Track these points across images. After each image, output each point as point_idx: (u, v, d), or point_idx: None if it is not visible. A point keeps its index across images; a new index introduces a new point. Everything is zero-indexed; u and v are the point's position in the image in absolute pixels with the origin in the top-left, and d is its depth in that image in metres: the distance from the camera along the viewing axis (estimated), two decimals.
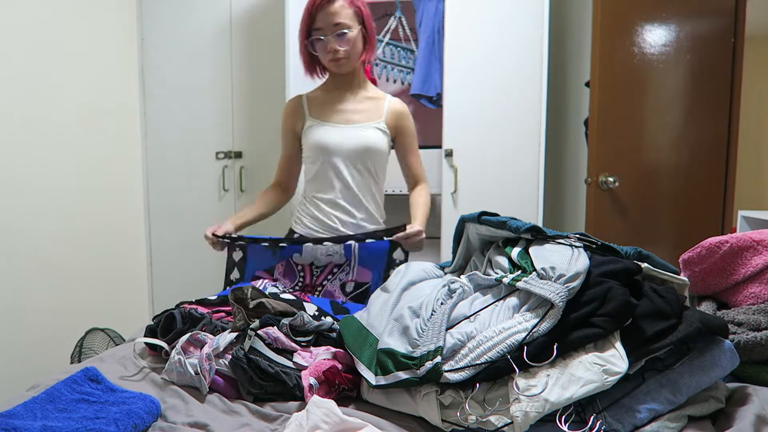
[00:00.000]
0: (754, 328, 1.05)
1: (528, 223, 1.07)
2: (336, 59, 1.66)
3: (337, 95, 1.75)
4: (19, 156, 2.26)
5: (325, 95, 1.77)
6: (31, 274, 2.33)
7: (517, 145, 2.60)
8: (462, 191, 2.66)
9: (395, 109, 1.76)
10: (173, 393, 1.01)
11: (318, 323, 1.14)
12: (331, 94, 1.76)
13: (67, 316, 2.52)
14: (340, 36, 1.63)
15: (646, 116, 2.50)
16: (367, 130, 1.70)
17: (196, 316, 1.19)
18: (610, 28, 2.33)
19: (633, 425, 0.83)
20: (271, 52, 2.89)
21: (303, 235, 1.75)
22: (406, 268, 1.22)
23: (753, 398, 0.90)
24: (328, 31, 1.62)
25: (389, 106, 1.75)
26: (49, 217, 2.42)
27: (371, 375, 0.94)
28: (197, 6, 2.99)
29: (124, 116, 2.95)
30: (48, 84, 2.40)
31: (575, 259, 0.94)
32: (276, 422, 0.93)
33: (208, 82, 3.03)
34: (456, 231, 1.30)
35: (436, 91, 2.72)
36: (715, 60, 2.60)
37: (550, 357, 0.83)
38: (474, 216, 1.20)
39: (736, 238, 1.17)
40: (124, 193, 2.97)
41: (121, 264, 2.94)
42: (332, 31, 1.62)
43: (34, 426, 0.84)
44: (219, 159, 3.06)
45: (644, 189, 2.52)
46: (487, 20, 2.58)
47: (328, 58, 1.66)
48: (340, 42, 1.63)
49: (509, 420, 0.80)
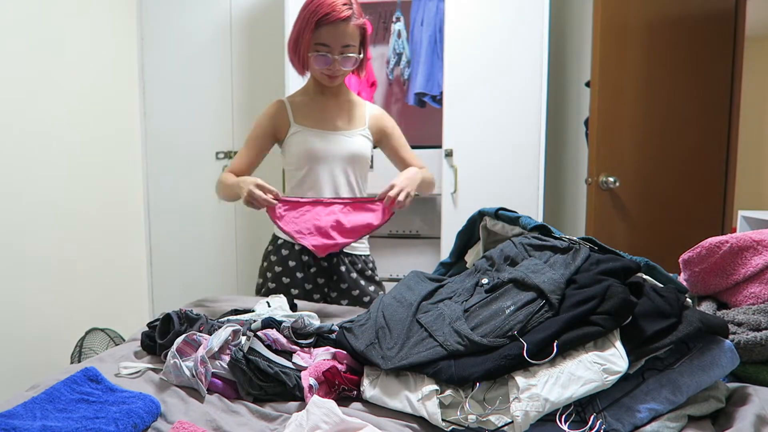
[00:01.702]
0: (754, 328, 1.05)
1: (537, 222, 1.08)
2: (333, 76, 1.62)
3: (321, 101, 1.71)
4: (19, 156, 2.26)
5: (307, 100, 1.72)
6: (31, 274, 2.33)
7: (517, 145, 2.60)
8: (462, 191, 2.66)
9: (374, 113, 1.75)
10: (173, 393, 1.01)
11: (318, 325, 1.15)
12: (314, 100, 1.71)
13: (67, 316, 2.52)
14: (346, 58, 1.58)
15: (646, 116, 2.50)
16: (354, 137, 1.69)
17: (193, 316, 1.19)
18: (610, 28, 2.32)
19: (633, 425, 0.83)
20: (271, 52, 2.89)
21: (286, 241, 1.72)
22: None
23: (753, 398, 0.90)
24: (335, 50, 1.56)
25: (369, 112, 1.74)
26: (49, 217, 2.42)
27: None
28: (197, 6, 2.99)
29: (124, 116, 2.95)
30: (48, 84, 2.40)
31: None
32: (276, 422, 0.93)
33: (208, 82, 3.03)
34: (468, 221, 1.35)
35: (440, 89, 2.72)
36: (715, 60, 2.60)
37: (550, 355, 0.83)
38: (492, 211, 1.27)
39: (736, 238, 1.17)
40: (124, 193, 2.97)
41: (121, 264, 2.94)
42: (339, 52, 1.56)
43: (34, 426, 0.84)
44: (219, 159, 3.06)
45: (644, 189, 2.52)
46: (487, 20, 2.58)
47: (326, 73, 1.61)
48: (344, 63, 1.58)
49: (509, 419, 0.80)
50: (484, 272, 1.08)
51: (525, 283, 0.96)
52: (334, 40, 1.55)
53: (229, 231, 3.11)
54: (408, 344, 0.97)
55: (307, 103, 1.71)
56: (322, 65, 1.59)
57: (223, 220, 3.11)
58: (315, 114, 1.70)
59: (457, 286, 1.09)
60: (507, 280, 1.00)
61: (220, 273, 3.13)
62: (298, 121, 1.69)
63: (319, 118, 1.70)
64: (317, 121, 1.69)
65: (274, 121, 1.70)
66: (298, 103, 1.72)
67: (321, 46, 1.56)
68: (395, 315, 1.06)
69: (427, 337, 0.96)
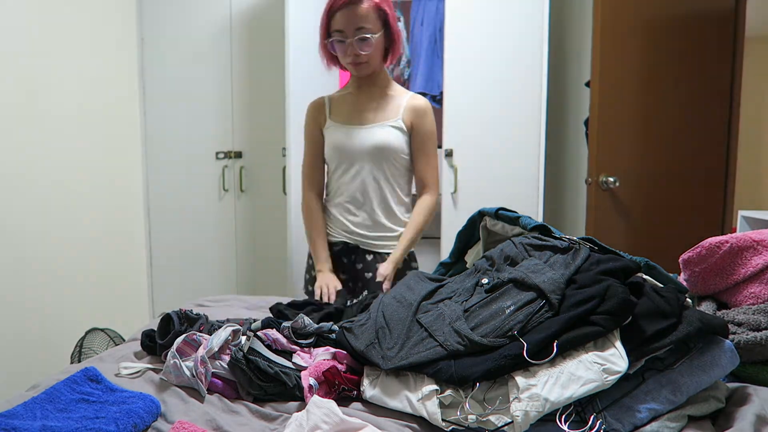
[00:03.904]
0: (754, 328, 1.05)
1: (537, 222, 1.08)
2: (356, 63, 1.59)
3: (358, 96, 1.69)
4: (19, 156, 2.26)
5: (346, 96, 1.72)
6: (31, 274, 2.33)
7: (517, 145, 2.60)
8: (462, 191, 2.66)
9: (412, 105, 1.67)
10: (173, 393, 1.01)
11: (318, 325, 1.15)
12: (352, 95, 1.70)
13: (67, 316, 2.52)
14: (362, 40, 1.54)
15: (646, 116, 2.50)
16: (383, 129, 1.64)
17: (193, 316, 1.19)
18: (610, 27, 2.32)
19: (633, 425, 0.83)
20: (271, 52, 2.89)
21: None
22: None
23: (753, 398, 0.90)
24: (349, 34, 1.54)
25: (407, 103, 1.67)
26: (49, 217, 2.42)
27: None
28: (197, 6, 2.99)
29: (124, 116, 2.95)
30: (48, 84, 2.40)
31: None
32: (276, 422, 0.93)
33: (208, 82, 3.03)
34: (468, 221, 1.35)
35: (440, 89, 2.72)
36: (715, 60, 2.60)
37: (550, 355, 0.83)
38: (492, 211, 1.27)
39: (736, 238, 1.17)
40: (124, 193, 2.97)
41: (121, 264, 2.93)
42: (354, 35, 1.54)
43: (34, 426, 0.84)
44: (219, 159, 3.06)
45: (644, 189, 2.52)
46: (487, 20, 2.58)
47: (348, 60, 1.59)
48: (362, 46, 1.55)
49: (509, 419, 0.80)
50: (484, 272, 1.08)
51: (525, 283, 0.96)
52: (347, 24, 1.54)
53: (229, 231, 3.11)
54: (408, 344, 0.97)
55: (345, 98, 1.72)
56: (341, 53, 1.59)
57: (223, 220, 3.11)
58: (348, 108, 1.69)
59: (457, 286, 1.09)
60: (507, 280, 1.00)
61: (220, 273, 3.13)
62: (333, 117, 1.69)
63: (351, 112, 1.68)
64: (348, 116, 1.68)
65: (316, 119, 1.73)
66: (337, 98, 1.73)
67: (336, 32, 1.56)
68: (395, 315, 1.06)
69: (427, 337, 0.96)
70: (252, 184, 3.07)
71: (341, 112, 1.69)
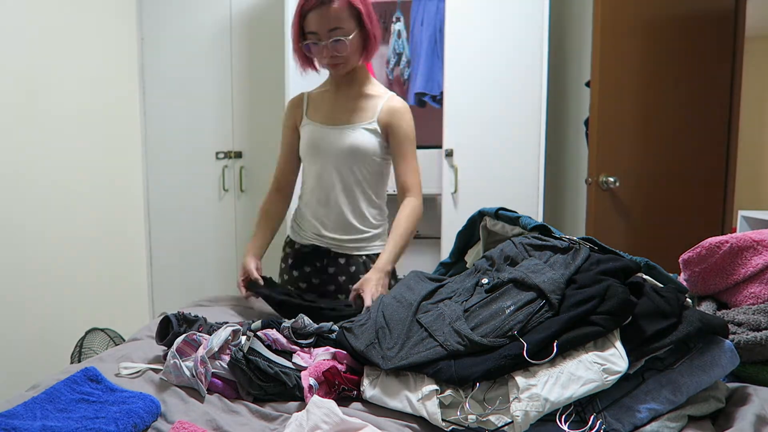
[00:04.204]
0: (754, 328, 1.05)
1: (537, 222, 1.08)
2: (333, 64, 1.55)
3: (335, 94, 1.66)
4: (19, 156, 2.26)
5: (323, 94, 1.69)
6: (31, 274, 2.33)
7: (517, 145, 2.60)
8: (462, 191, 2.66)
9: (389, 106, 1.60)
10: (173, 393, 1.01)
11: (318, 325, 1.15)
12: (329, 93, 1.67)
13: (67, 316, 2.52)
14: (336, 42, 1.49)
15: (646, 116, 2.50)
16: (356, 131, 1.59)
17: (191, 318, 1.19)
18: (610, 28, 2.32)
19: (633, 425, 0.83)
20: (271, 52, 2.89)
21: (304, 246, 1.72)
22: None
23: (753, 398, 0.90)
24: (323, 36, 1.49)
25: (384, 104, 1.60)
26: (49, 217, 2.42)
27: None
28: (197, 6, 2.99)
29: (124, 116, 2.95)
30: (48, 84, 2.40)
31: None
32: (276, 422, 0.93)
33: (208, 82, 3.03)
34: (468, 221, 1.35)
35: (440, 89, 2.72)
36: (715, 60, 2.60)
37: (550, 355, 0.83)
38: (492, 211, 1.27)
39: (736, 238, 1.17)
40: (124, 193, 2.97)
41: (121, 264, 2.93)
42: (328, 37, 1.48)
43: (34, 426, 0.84)
44: (219, 159, 3.06)
45: (644, 189, 2.52)
46: (487, 20, 2.58)
47: (324, 62, 1.56)
48: (336, 48, 1.50)
49: (509, 419, 0.80)
50: (484, 272, 1.08)
51: (525, 283, 0.96)
52: (320, 26, 1.48)
53: (229, 231, 3.11)
54: (408, 344, 0.97)
55: (322, 96, 1.68)
56: (317, 54, 1.54)
57: (223, 220, 3.11)
58: (324, 108, 1.66)
59: (457, 286, 1.09)
60: (507, 280, 1.00)
61: (220, 273, 3.13)
62: (309, 115, 1.67)
63: (327, 111, 1.65)
64: (324, 116, 1.64)
65: (293, 114, 1.71)
66: (315, 96, 1.70)
67: (310, 34, 1.51)
68: (395, 315, 1.06)
69: (427, 337, 0.96)
70: (252, 184, 3.07)
71: (318, 110, 1.66)
